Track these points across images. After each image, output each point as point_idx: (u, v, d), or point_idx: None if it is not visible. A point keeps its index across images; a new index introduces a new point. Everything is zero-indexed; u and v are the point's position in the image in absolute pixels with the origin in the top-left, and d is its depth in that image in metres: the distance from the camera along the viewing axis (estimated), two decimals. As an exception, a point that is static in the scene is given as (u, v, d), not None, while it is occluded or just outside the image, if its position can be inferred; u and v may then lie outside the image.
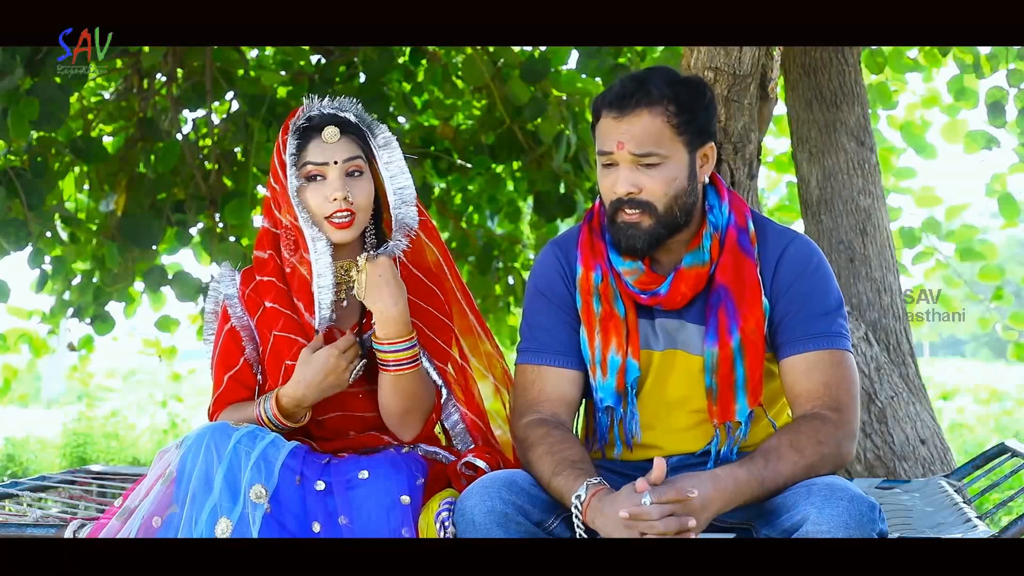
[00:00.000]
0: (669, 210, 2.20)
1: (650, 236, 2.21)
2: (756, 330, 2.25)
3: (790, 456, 2.10)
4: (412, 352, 2.33)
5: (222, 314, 2.46)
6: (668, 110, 2.17)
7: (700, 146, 2.23)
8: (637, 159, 2.18)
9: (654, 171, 2.18)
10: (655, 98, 2.17)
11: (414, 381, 2.34)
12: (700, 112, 2.21)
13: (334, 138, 2.35)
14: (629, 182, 2.18)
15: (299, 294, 2.39)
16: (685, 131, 2.19)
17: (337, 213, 2.33)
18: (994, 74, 4.54)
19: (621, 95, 2.18)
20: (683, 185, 2.21)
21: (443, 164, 5.41)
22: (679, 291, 2.27)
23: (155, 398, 10.53)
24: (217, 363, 2.45)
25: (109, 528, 2.22)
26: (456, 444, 2.52)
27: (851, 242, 3.95)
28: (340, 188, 2.32)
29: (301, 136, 2.37)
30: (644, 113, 2.17)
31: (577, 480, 2.07)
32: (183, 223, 5.13)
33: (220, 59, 4.98)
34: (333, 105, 2.38)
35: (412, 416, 2.37)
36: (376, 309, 2.29)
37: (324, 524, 2.17)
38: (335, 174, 2.33)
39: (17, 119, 4.10)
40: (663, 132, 2.17)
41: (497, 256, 5.66)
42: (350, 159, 2.35)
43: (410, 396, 2.35)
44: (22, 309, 5.69)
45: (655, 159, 2.17)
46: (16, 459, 7.28)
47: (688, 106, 2.19)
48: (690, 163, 2.22)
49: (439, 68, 5.30)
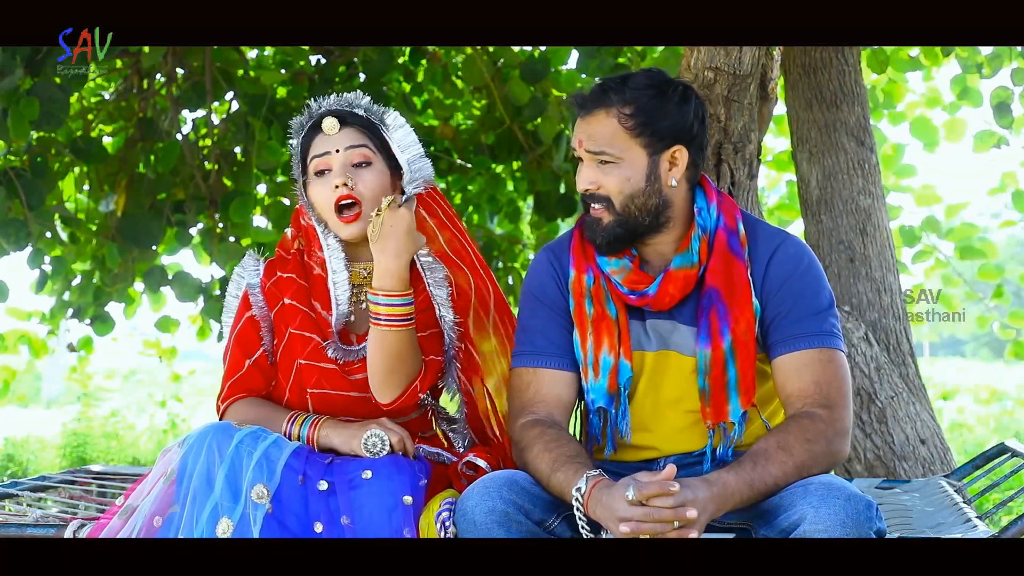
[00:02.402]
0: (626, 208, 2.26)
1: (608, 232, 2.28)
2: (747, 331, 2.27)
3: (779, 457, 2.10)
4: (405, 310, 2.29)
5: (243, 300, 2.48)
6: (622, 112, 2.24)
7: (664, 150, 2.26)
8: (593, 156, 2.26)
9: (609, 168, 2.25)
10: (612, 101, 2.24)
11: (402, 341, 2.31)
12: (663, 117, 2.24)
13: (333, 129, 2.37)
14: (588, 179, 2.28)
15: (317, 294, 2.42)
16: (641, 134, 2.24)
17: (341, 201, 2.34)
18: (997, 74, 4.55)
19: (584, 96, 2.29)
20: (639, 186, 2.25)
21: (443, 164, 5.41)
22: (667, 292, 2.29)
23: (155, 398, 10.53)
24: (235, 346, 2.46)
25: (111, 527, 2.23)
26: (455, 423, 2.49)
27: (851, 242, 3.95)
28: (342, 174, 2.35)
29: (308, 134, 2.40)
30: (600, 114, 2.26)
31: (577, 474, 2.08)
32: (183, 223, 5.13)
33: (220, 59, 4.98)
34: (338, 101, 2.41)
35: (395, 376, 2.33)
36: (379, 257, 2.28)
37: (326, 524, 2.17)
38: (338, 164, 2.36)
39: (17, 119, 4.10)
40: (616, 133, 2.24)
41: (497, 256, 5.66)
42: (353, 147, 2.37)
43: (395, 356, 2.31)
44: (21, 310, 5.69)
45: (608, 158, 2.25)
46: (16, 459, 7.28)
47: (647, 110, 2.24)
48: (650, 165, 2.26)
49: (439, 68, 5.30)
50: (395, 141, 2.40)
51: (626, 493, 1.96)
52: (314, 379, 2.39)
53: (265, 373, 2.45)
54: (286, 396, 2.44)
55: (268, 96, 4.79)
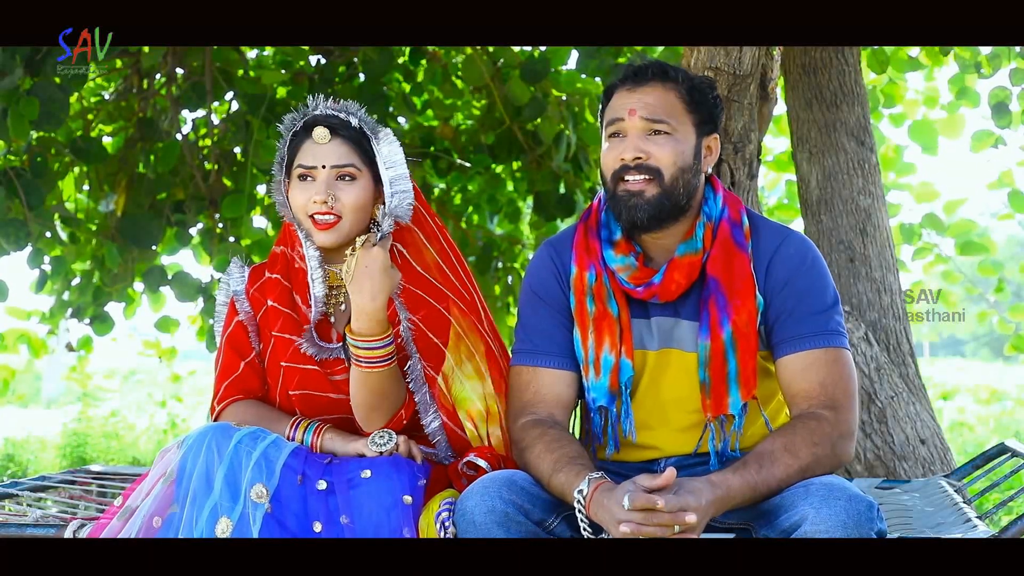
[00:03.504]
0: (674, 181, 2.24)
1: (652, 207, 2.24)
2: (748, 323, 2.25)
3: (784, 459, 2.10)
4: (384, 351, 2.29)
5: (230, 306, 2.50)
6: (681, 87, 2.27)
7: (707, 134, 2.30)
8: (649, 124, 2.24)
9: (663, 139, 2.24)
10: (671, 76, 2.28)
11: (383, 379, 2.30)
12: (709, 102, 2.30)
13: (324, 139, 2.35)
14: (638, 147, 2.24)
15: (299, 288, 2.43)
16: (696, 111, 2.27)
17: (318, 214, 2.33)
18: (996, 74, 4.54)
19: (638, 70, 2.28)
20: (688, 162, 2.26)
21: (443, 164, 5.40)
22: (673, 280, 2.27)
23: (155, 398, 10.52)
24: (227, 348, 2.47)
25: (110, 528, 2.23)
26: (437, 451, 2.44)
27: (851, 242, 3.95)
28: (323, 192, 2.32)
29: (297, 135, 2.38)
30: (659, 86, 2.27)
31: (579, 475, 2.07)
32: (183, 223, 5.12)
33: (220, 59, 4.98)
34: (333, 107, 2.38)
35: (376, 413, 2.33)
36: (354, 300, 2.27)
37: (325, 524, 2.17)
38: (323, 177, 2.34)
39: (17, 119, 4.09)
40: (676, 105, 2.26)
41: (497, 256, 5.66)
42: (339, 166, 2.34)
43: (377, 394, 2.31)
44: (21, 310, 5.69)
45: (665, 127, 2.24)
46: (16, 459, 7.28)
47: (700, 91, 2.29)
48: (696, 144, 2.28)
49: (439, 68, 5.30)
50: (383, 156, 2.36)
51: (622, 501, 1.95)
52: (295, 380, 2.39)
53: (259, 374, 2.46)
54: (276, 400, 2.44)
55: (268, 96, 4.79)
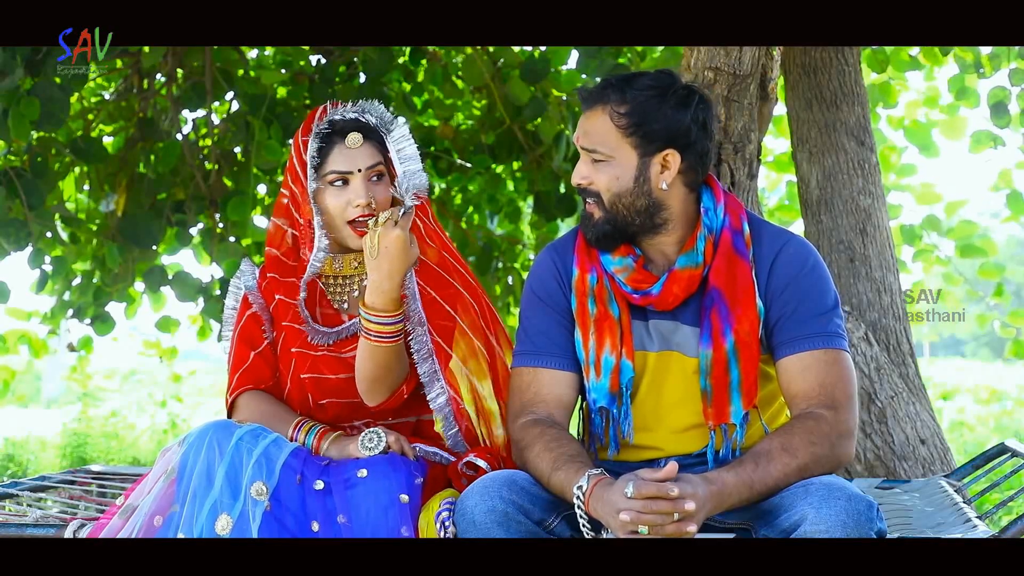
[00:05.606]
0: (613, 206, 2.27)
1: (599, 229, 2.30)
2: (751, 332, 2.26)
3: (782, 458, 2.10)
4: (394, 328, 2.34)
5: (243, 302, 2.54)
6: (616, 111, 2.25)
7: (655, 152, 2.25)
8: (587, 153, 2.29)
9: (600, 166, 2.28)
10: (609, 99, 2.26)
11: (389, 353, 2.35)
12: (657, 119, 2.23)
13: (357, 144, 2.40)
14: (580, 173, 2.31)
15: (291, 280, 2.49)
16: (633, 134, 2.24)
17: (360, 218, 2.38)
18: (996, 74, 4.54)
19: (586, 91, 2.32)
20: (627, 186, 2.26)
21: (443, 164, 5.41)
22: (671, 292, 2.28)
23: (155, 398, 10.52)
24: (239, 342, 2.51)
25: (111, 527, 2.23)
26: (441, 429, 2.47)
27: (851, 242, 3.95)
28: (364, 195, 2.39)
29: (323, 140, 2.41)
30: (597, 110, 2.28)
31: (578, 472, 2.08)
32: (183, 223, 5.13)
33: (220, 59, 4.98)
34: (355, 109, 2.42)
35: (380, 385, 2.38)
36: (372, 275, 2.32)
37: (323, 523, 2.18)
38: (359, 180, 2.39)
39: (17, 119, 4.09)
40: (609, 132, 2.26)
41: (497, 256, 5.66)
42: (372, 166, 2.40)
43: (383, 367, 2.36)
44: (21, 310, 5.69)
45: (599, 155, 2.27)
46: (16, 459, 7.28)
47: (641, 111, 2.24)
48: (639, 166, 2.26)
49: (439, 68, 5.30)
50: (398, 151, 2.38)
51: (625, 490, 1.96)
52: (307, 364, 2.43)
53: (270, 363, 2.49)
54: (287, 387, 2.47)
55: (268, 96, 4.79)
